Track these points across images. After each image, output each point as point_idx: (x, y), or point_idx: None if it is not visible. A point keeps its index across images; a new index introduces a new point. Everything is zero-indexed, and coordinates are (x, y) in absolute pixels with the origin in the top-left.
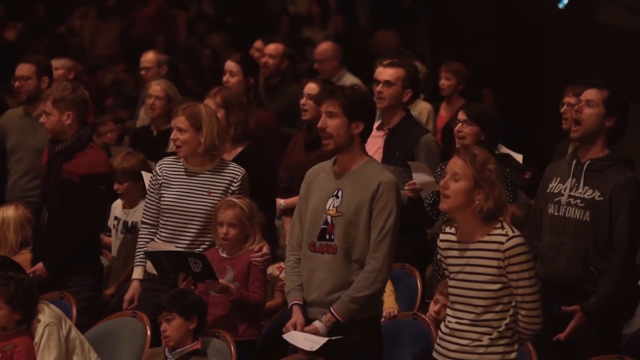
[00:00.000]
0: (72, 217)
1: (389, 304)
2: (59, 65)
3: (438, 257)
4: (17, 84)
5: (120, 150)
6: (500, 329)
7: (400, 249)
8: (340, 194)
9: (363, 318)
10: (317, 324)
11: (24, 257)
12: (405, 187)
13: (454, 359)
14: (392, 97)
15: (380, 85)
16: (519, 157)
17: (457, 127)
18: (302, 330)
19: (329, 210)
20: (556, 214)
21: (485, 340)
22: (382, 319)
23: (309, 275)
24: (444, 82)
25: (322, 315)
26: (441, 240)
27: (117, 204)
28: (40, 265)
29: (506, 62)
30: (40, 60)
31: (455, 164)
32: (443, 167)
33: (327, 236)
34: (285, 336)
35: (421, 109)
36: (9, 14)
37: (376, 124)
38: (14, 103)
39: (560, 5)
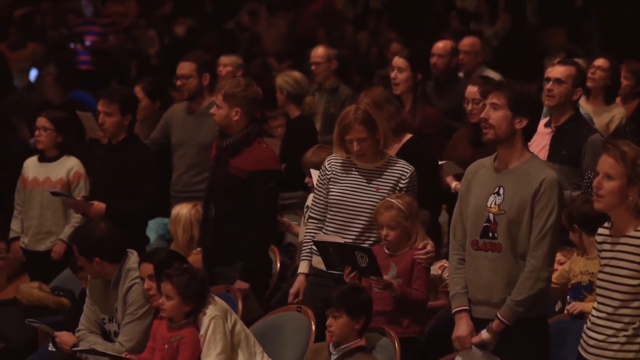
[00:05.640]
0: (238, 213)
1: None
2: (227, 62)
3: None
4: (178, 82)
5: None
6: (635, 326)
7: None
8: (501, 191)
9: (531, 317)
10: (483, 334)
11: (195, 258)
12: None
13: (591, 354)
14: (562, 95)
15: (551, 83)
16: None
17: None
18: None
19: (490, 207)
20: None
21: (621, 336)
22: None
23: (474, 274)
24: (622, 82)
25: (489, 324)
26: (598, 234)
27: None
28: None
29: None
30: (201, 57)
31: (606, 163)
32: (591, 175)
33: (490, 234)
34: (461, 355)
35: (616, 112)
36: (179, 9)
37: (544, 121)
38: (179, 98)
39: None
